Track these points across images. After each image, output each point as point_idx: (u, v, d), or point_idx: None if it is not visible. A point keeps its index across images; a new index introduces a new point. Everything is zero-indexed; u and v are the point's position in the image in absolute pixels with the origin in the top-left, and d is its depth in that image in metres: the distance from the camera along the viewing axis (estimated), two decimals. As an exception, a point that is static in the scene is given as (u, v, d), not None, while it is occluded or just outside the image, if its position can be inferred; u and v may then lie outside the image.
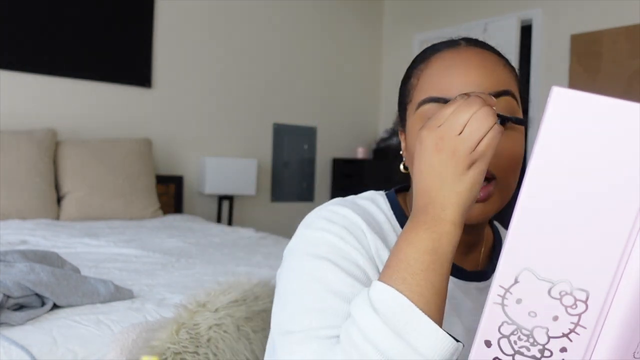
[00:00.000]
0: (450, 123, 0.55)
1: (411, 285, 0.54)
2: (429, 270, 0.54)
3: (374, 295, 0.54)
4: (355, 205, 0.72)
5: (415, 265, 0.54)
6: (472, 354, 0.47)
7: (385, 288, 0.54)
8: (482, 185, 0.56)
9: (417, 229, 0.56)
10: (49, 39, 3.41)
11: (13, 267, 1.49)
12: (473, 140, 0.54)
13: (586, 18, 3.72)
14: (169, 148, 3.93)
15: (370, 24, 5.04)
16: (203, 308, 0.89)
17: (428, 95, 0.69)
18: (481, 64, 0.68)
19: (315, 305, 0.61)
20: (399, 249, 0.56)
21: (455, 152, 0.54)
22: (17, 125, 3.24)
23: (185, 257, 2.28)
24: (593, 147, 0.42)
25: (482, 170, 0.55)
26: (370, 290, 0.55)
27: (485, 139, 0.54)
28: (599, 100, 0.41)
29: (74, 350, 1.31)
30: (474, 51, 0.70)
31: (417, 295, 0.53)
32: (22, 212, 2.92)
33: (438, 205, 0.56)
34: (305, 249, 0.66)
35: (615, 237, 0.42)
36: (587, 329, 0.43)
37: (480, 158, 0.54)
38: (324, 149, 4.74)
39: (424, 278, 0.54)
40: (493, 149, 0.54)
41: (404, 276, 0.54)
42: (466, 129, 0.54)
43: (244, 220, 4.25)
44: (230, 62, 4.21)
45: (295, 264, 0.66)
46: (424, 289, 0.54)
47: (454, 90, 0.67)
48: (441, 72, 0.69)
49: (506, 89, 0.68)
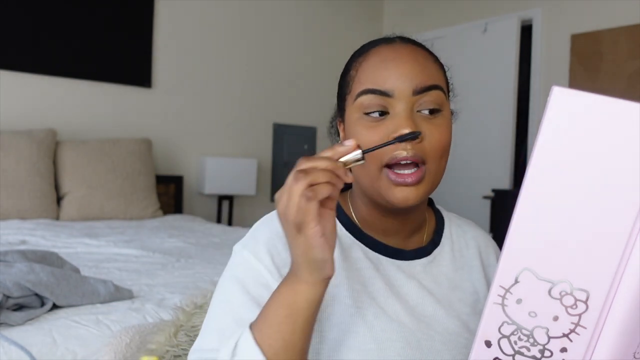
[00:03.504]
0: (278, 201, 0.61)
1: (264, 335, 0.61)
2: (283, 323, 0.61)
3: (240, 339, 0.62)
4: None
5: (271, 318, 0.61)
6: (472, 354, 0.47)
7: (246, 336, 0.61)
8: (320, 245, 0.59)
9: (283, 284, 0.63)
10: (49, 39, 3.41)
11: (13, 267, 1.49)
12: (291, 207, 0.58)
13: (586, 18, 3.72)
14: (169, 148, 3.93)
15: (370, 24, 5.04)
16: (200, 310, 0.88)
17: (365, 87, 0.73)
18: (414, 58, 0.74)
19: (215, 326, 0.69)
20: (267, 301, 0.63)
21: (284, 217, 0.60)
22: (17, 125, 3.24)
23: (185, 257, 2.28)
24: (593, 146, 0.41)
25: (310, 234, 0.58)
26: (242, 334, 0.62)
27: (299, 204, 0.58)
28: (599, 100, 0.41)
29: (74, 351, 1.31)
30: (407, 47, 0.76)
31: (266, 346, 0.60)
32: (22, 212, 2.92)
33: (294, 264, 0.62)
34: (229, 266, 0.74)
35: (615, 237, 0.42)
36: (587, 329, 0.43)
37: (303, 223, 0.58)
38: (324, 149, 4.73)
39: (276, 330, 0.61)
40: (311, 212, 0.58)
41: (261, 327, 0.61)
42: (280, 204, 0.60)
43: (244, 220, 4.25)
44: (230, 62, 4.21)
45: (219, 282, 0.74)
46: (275, 342, 0.60)
47: (387, 82, 0.72)
48: (377, 65, 0.74)
49: (435, 83, 0.74)
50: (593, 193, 0.42)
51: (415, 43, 0.78)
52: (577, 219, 0.42)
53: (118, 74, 3.68)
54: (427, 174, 0.71)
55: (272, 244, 0.73)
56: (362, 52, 0.79)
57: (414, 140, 0.69)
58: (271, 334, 0.60)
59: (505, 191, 3.83)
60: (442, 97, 0.74)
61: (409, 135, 0.68)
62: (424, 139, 0.71)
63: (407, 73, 0.72)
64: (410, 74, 0.72)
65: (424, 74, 0.73)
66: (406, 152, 0.69)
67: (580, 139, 0.42)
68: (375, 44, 0.78)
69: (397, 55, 0.74)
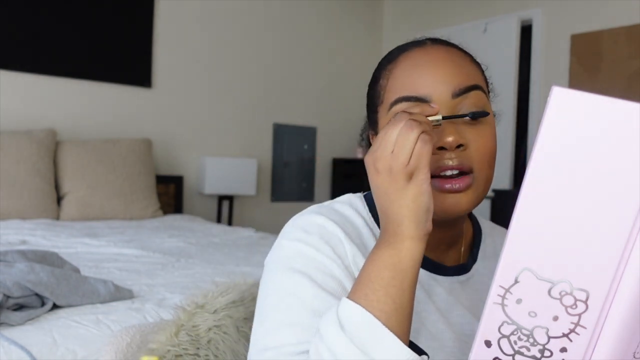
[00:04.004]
0: (382, 144, 0.58)
1: (372, 301, 0.56)
2: (389, 286, 0.57)
3: (341, 312, 0.56)
4: (332, 211, 0.72)
5: (376, 282, 0.57)
6: (472, 354, 0.47)
7: (349, 305, 0.56)
8: (429, 192, 0.57)
9: (379, 246, 0.59)
10: (49, 39, 3.41)
11: (13, 267, 1.49)
12: (404, 155, 0.56)
13: (586, 18, 3.72)
14: (169, 148, 3.93)
15: (370, 24, 5.04)
16: (202, 309, 0.88)
17: (399, 95, 0.69)
18: (449, 60, 0.70)
19: (288, 320, 0.63)
20: (364, 267, 0.59)
21: (390, 170, 0.57)
22: (17, 125, 3.24)
23: (185, 257, 2.28)
24: (593, 147, 0.41)
25: (422, 179, 0.57)
26: (338, 306, 0.57)
27: (415, 150, 0.56)
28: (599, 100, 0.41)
29: (74, 350, 1.31)
30: (440, 48, 0.71)
31: (377, 311, 0.56)
32: (22, 212, 2.92)
33: (393, 221, 0.58)
34: (282, 261, 0.68)
35: (615, 237, 0.42)
36: (587, 329, 0.43)
37: (417, 169, 0.57)
38: (324, 149, 4.74)
39: (384, 294, 0.56)
40: (425, 156, 0.57)
41: (366, 292, 0.57)
42: (395, 147, 0.57)
43: (244, 220, 4.25)
44: (230, 62, 4.21)
45: (273, 278, 0.68)
46: (384, 305, 0.56)
47: (424, 88, 0.68)
48: (410, 71, 0.69)
49: (475, 83, 0.70)
50: (593, 193, 0.42)
51: (447, 43, 0.73)
52: (577, 219, 0.42)
53: (118, 74, 3.68)
54: (475, 182, 0.68)
55: (328, 236, 0.68)
56: (391, 59, 0.74)
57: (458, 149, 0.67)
58: (380, 298, 0.56)
59: (505, 191, 3.83)
60: (483, 98, 0.70)
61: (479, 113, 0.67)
62: (469, 146, 0.67)
63: (443, 75, 0.68)
64: (446, 75, 0.68)
65: (461, 75, 0.69)
66: (452, 161, 0.66)
67: (580, 139, 0.42)
68: (404, 49, 0.73)
69: (431, 57, 0.70)
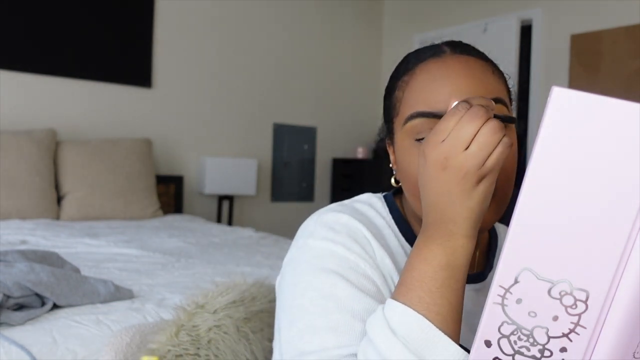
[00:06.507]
0: (454, 138, 0.53)
1: (428, 304, 0.53)
2: (444, 286, 0.54)
3: (391, 316, 0.53)
4: (354, 210, 0.71)
5: (430, 283, 0.54)
6: (472, 354, 0.47)
7: (402, 308, 0.53)
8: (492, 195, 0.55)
9: (430, 244, 0.55)
10: (49, 39, 3.41)
11: (13, 267, 1.49)
12: (481, 156, 0.52)
13: (586, 18, 3.72)
14: (169, 148, 3.93)
15: (370, 24, 5.04)
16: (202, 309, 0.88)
17: (415, 109, 0.66)
18: (469, 73, 0.66)
19: (326, 323, 0.60)
20: (412, 266, 0.55)
21: (462, 169, 0.53)
22: (17, 125, 3.24)
23: (185, 257, 2.28)
24: (593, 147, 0.41)
25: (491, 182, 0.54)
26: (386, 309, 0.54)
27: (494, 153, 0.53)
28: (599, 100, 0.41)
29: (74, 350, 1.31)
30: (460, 59, 0.67)
31: (434, 314, 0.53)
32: (22, 212, 2.92)
33: (449, 220, 0.55)
34: (311, 261, 0.65)
35: (615, 237, 0.42)
36: (587, 329, 0.43)
37: (490, 172, 0.53)
38: (324, 149, 4.74)
39: (440, 296, 0.53)
40: (502, 162, 0.54)
41: (419, 295, 0.54)
42: (473, 144, 0.52)
43: (244, 220, 4.25)
44: (230, 62, 4.21)
45: (302, 278, 0.64)
46: (441, 307, 0.53)
47: (442, 103, 0.64)
48: (427, 85, 0.66)
49: (497, 96, 0.65)
50: (593, 193, 0.42)
51: (468, 51, 0.69)
52: (577, 219, 0.42)
53: (118, 74, 3.68)
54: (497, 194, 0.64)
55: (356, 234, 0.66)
56: (407, 70, 0.70)
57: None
58: (436, 300, 0.53)
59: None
60: (505, 111, 0.66)
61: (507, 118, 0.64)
62: None
63: (462, 89, 0.64)
64: (465, 90, 0.64)
65: (481, 89, 0.65)
66: None
67: (580, 140, 0.42)
68: (421, 58, 0.69)
69: (448, 70, 0.66)
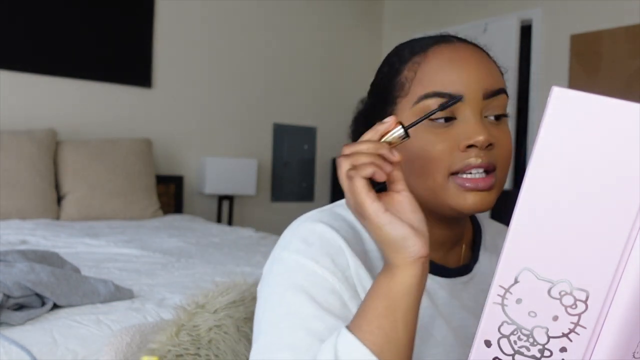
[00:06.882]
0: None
1: (365, 333, 0.55)
2: (381, 316, 0.55)
3: (339, 343, 0.56)
4: (333, 216, 0.70)
5: (369, 312, 0.56)
6: (472, 354, 0.47)
7: (347, 337, 0.56)
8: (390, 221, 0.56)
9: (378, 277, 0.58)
10: (49, 39, 3.41)
11: (13, 267, 1.49)
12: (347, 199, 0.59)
13: (586, 18, 3.72)
14: (169, 148, 3.93)
15: (370, 24, 5.04)
16: (202, 309, 0.88)
17: (430, 89, 0.67)
18: (480, 62, 0.69)
19: (287, 341, 0.61)
20: (365, 297, 0.59)
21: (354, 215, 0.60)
22: (17, 125, 3.24)
23: (185, 257, 2.28)
24: (593, 147, 0.42)
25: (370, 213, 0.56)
26: (338, 336, 0.56)
27: (345, 189, 0.58)
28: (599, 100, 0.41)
29: (74, 350, 1.31)
30: (470, 48, 0.71)
31: (370, 344, 0.55)
32: (22, 212, 2.92)
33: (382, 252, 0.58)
34: (283, 274, 0.66)
35: (615, 237, 0.42)
36: (587, 328, 0.43)
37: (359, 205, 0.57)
38: (324, 149, 4.74)
39: (376, 326, 0.55)
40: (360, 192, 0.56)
41: (360, 324, 0.56)
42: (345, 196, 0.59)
43: (244, 220, 4.25)
44: (230, 62, 4.21)
45: (272, 291, 0.66)
46: (376, 337, 0.55)
47: (457, 85, 0.67)
48: (443, 67, 0.68)
49: (502, 87, 0.70)
50: (593, 193, 0.42)
51: (473, 44, 0.73)
52: (577, 218, 0.42)
53: (118, 74, 3.68)
54: (497, 181, 0.68)
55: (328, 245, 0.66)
56: (417, 51, 0.71)
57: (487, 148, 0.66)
58: (372, 330, 0.55)
59: (505, 191, 3.79)
60: (507, 102, 0.70)
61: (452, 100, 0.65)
62: (495, 146, 0.67)
63: (477, 75, 0.68)
64: (479, 76, 0.68)
65: (491, 77, 0.69)
66: (481, 160, 0.66)
67: (579, 140, 0.42)
68: (432, 42, 0.72)
69: (463, 56, 0.69)
